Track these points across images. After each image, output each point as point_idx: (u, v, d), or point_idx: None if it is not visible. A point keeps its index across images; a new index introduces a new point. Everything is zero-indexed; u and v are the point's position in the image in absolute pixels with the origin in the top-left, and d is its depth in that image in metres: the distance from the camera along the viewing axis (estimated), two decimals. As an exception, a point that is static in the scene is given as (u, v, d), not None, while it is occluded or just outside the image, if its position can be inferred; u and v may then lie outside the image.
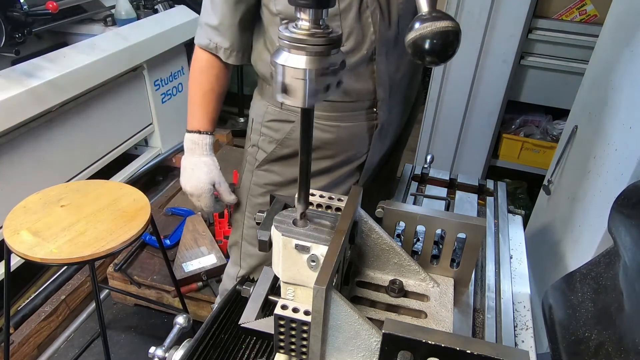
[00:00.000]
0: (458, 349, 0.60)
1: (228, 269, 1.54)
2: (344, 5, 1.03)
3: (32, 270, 2.27)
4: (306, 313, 0.70)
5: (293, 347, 0.72)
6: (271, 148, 1.29)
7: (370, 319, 0.73)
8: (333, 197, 0.83)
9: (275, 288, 0.85)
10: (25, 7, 1.97)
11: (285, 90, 0.61)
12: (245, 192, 1.39)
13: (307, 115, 0.65)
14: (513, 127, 2.99)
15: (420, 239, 1.00)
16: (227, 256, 2.00)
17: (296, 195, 0.73)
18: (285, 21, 0.71)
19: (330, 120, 1.20)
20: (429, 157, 1.44)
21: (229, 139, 3.55)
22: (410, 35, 0.53)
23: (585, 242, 1.56)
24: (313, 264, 0.70)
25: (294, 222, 0.73)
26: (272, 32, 1.14)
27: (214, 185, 1.28)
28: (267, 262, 1.38)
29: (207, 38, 1.19)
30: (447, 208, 1.30)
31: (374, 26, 1.06)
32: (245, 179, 1.39)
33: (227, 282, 1.54)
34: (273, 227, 0.73)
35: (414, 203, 1.32)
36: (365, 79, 1.13)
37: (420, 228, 0.91)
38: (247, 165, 1.38)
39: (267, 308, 0.81)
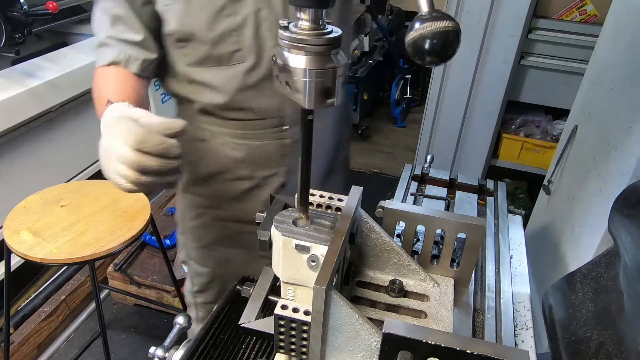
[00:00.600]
0: (458, 349, 0.60)
1: (186, 283, 1.49)
2: (239, 20, 1.00)
3: (32, 270, 2.27)
4: (306, 313, 0.70)
5: (293, 347, 0.72)
6: (191, 169, 1.23)
7: (370, 319, 0.72)
8: (333, 197, 0.83)
9: (275, 288, 0.85)
10: (25, 7, 1.97)
11: (291, 88, 0.61)
12: (180, 214, 1.34)
13: (307, 116, 0.65)
14: (513, 127, 2.99)
15: (420, 239, 1.00)
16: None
17: (296, 196, 0.72)
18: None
19: (240, 139, 1.15)
20: (429, 157, 1.44)
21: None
22: (410, 35, 0.53)
23: (585, 242, 1.56)
24: (313, 264, 0.70)
25: (294, 222, 0.73)
26: (173, 54, 1.07)
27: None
28: (217, 279, 1.36)
29: (125, 58, 1.03)
30: (447, 208, 1.30)
31: (272, 41, 1.02)
32: (178, 201, 1.34)
33: (187, 295, 1.49)
34: (273, 227, 0.73)
35: (414, 203, 1.32)
36: (269, 96, 1.08)
37: (420, 228, 0.91)
38: (177, 191, 1.32)
39: (267, 308, 0.81)
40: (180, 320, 0.90)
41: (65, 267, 2.36)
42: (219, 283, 1.37)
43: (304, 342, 0.71)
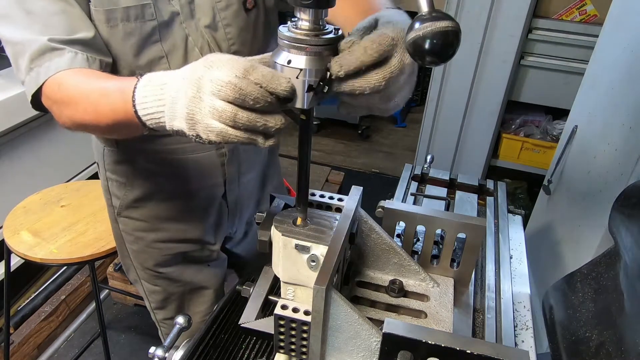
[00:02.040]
0: (458, 349, 0.60)
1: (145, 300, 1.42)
2: (167, 47, 0.96)
3: (32, 270, 2.27)
4: (306, 313, 0.70)
5: (293, 347, 0.72)
6: (122, 193, 1.16)
7: (370, 319, 0.72)
8: (333, 197, 0.83)
9: (275, 288, 0.85)
10: (25, 7, 1.96)
11: None
12: (119, 239, 1.27)
13: (306, 116, 0.65)
14: (513, 127, 2.99)
15: (420, 239, 1.00)
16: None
17: (296, 196, 0.73)
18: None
19: (172, 154, 1.09)
20: (429, 157, 1.44)
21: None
22: (410, 35, 0.53)
23: (585, 242, 1.56)
24: (313, 264, 0.70)
25: (294, 222, 0.73)
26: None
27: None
28: (172, 296, 1.30)
29: (84, 58, 0.85)
30: (447, 208, 1.30)
31: None
32: (114, 227, 1.26)
33: (150, 312, 1.41)
34: (273, 227, 0.73)
35: (414, 203, 1.32)
36: None
37: (420, 228, 0.91)
38: (109, 214, 1.25)
39: (267, 308, 0.81)
40: (180, 320, 0.90)
41: (65, 267, 2.36)
42: (175, 300, 1.32)
43: (304, 342, 0.71)
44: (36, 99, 0.88)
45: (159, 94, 0.66)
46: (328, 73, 0.60)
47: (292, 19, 0.61)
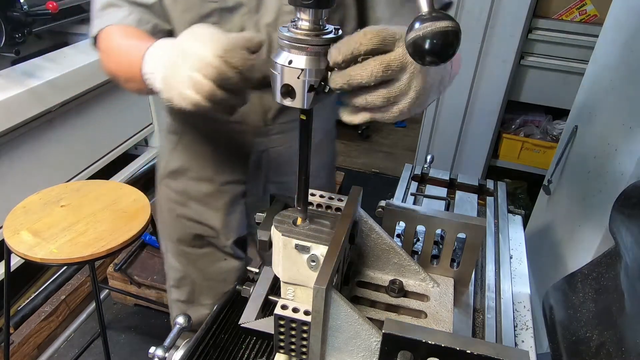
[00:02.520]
0: (458, 349, 0.60)
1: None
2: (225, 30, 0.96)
3: (32, 270, 2.27)
4: (306, 313, 0.70)
5: (293, 347, 0.72)
6: (165, 161, 1.24)
7: (370, 319, 0.72)
8: (333, 197, 0.83)
9: (275, 288, 0.85)
10: (25, 7, 1.96)
11: (284, 91, 0.61)
12: (157, 205, 1.34)
13: (306, 116, 0.65)
14: (513, 127, 2.99)
15: (420, 239, 1.00)
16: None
17: (296, 196, 0.72)
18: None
19: (209, 137, 1.14)
20: (429, 157, 1.44)
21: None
22: (410, 35, 0.53)
23: (585, 242, 1.56)
24: (313, 264, 0.70)
25: (294, 222, 0.73)
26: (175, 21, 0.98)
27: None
28: (187, 278, 1.35)
29: (136, 19, 0.95)
30: (447, 208, 1.30)
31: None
32: (156, 194, 1.34)
33: (167, 290, 1.46)
34: (273, 227, 0.73)
35: (414, 203, 1.32)
36: (251, 104, 1.05)
37: (420, 228, 0.91)
38: (155, 181, 1.33)
39: (267, 308, 0.81)
40: (180, 320, 0.90)
41: (65, 267, 2.36)
42: (189, 283, 1.36)
43: (304, 342, 0.71)
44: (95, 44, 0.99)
45: (158, 55, 0.73)
46: (329, 73, 0.60)
47: (293, 19, 0.61)
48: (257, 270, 1.00)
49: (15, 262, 1.93)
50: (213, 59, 0.62)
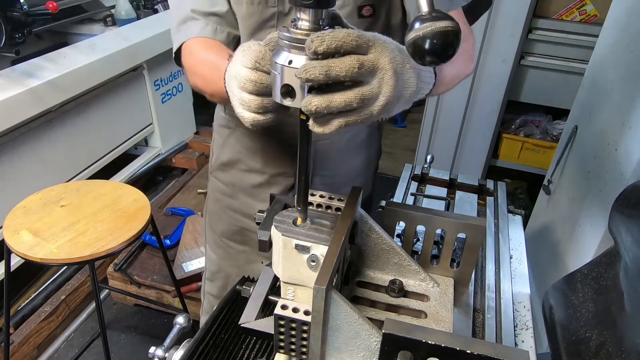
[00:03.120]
0: (458, 349, 0.60)
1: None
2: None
3: (32, 270, 2.28)
4: (306, 313, 0.70)
5: (293, 347, 0.72)
6: (217, 153, 1.29)
7: (370, 319, 0.72)
8: (333, 197, 0.83)
9: (275, 288, 0.85)
10: (25, 7, 1.97)
11: (284, 91, 0.61)
12: (206, 196, 1.39)
13: (306, 116, 0.64)
14: (513, 127, 2.99)
15: (420, 239, 1.00)
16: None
17: (296, 196, 0.72)
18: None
19: (260, 130, 1.13)
20: (429, 157, 1.44)
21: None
22: (410, 35, 0.53)
23: (585, 242, 1.56)
24: (313, 264, 0.70)
25: (294, 222, 0.73)
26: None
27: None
28: (222, 272, 1.38)
29: (212, 29, 1.02)
30: (447, 208, 1.30)
31: None
32: (208, 185, 1.38)
33: (203, 281, 1.52)
34: (273, 227, 0.73)
35: (414, 203, 1.32)
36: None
37: (420, 228, 0.91)
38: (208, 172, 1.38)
39: (267, 308, 0.81)
40: (180, 320, 0.90)
41: (65, 267, 2.36)
42: (223, 277, 1.40)
43: (304, 342, 0.71)
44: (178, 58, 1.06)
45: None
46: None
47: (293, 19, 0.61)
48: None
49: (15, 262, 1.93)
50: (248, 73, 0.65)
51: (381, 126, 1.38)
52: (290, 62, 0.60)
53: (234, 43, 1.05)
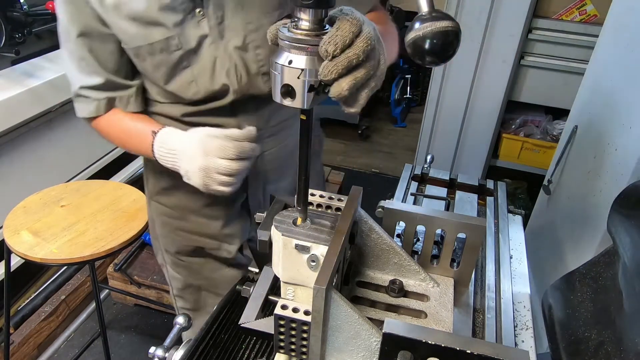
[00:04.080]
0: (458, 349, 0.60)
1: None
2: (197, 71, 0.98)
3: (32, 270, 2.27)
4: (306, 313, 0.70)
5: (293, 347, 0.72)
6: (154, 179, 1.23)
7: (370, 319, 0.73)
8: (333, 197, 0.83)
9: (275, 288, 0.85)
10: (25, 7, 1.96)
11: (284, 91, 0.61)
12: (151, 222, 1.34)
13: (306, 116, 0.65)
14: (513, 127, 2.99)
15: (420, 239, 1.00)
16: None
17: (296, 196, 0.73)
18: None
19: None
20: (429, 157, 1.44)
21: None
22: (410, 35, 0.53)
23: (585, 242, 1.56)
24: (313, 264, 0.70)
25: (294, 222, 0.73)
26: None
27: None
28: (190, 287, 1.34)
29: (102, 102, 1.05)
30: (447, 208, 1.30)
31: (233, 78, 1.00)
32: (148, 209, 1.34)
33: (171, 298, 1.46)
34: (273, 227, 0.73)
35: (414, 203, 1.32)
36: (245, 115, 1.08)
37: (420, 228, 0.91)
38: (145, 196, 1.33)
39: (267, 308, 0.81)
40: (180, 320, 0.90)
41: (65, 267, 2.36)
42: (194, 292, 1.35)
43: (304, 342, 0.71)
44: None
45: (172, 157, 0.96)
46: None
47: (293, 20, 0.61)
48: (257, 270, 1.00)
49: (15, 262, 1.93)
50: (233, 164, 0.89)
51: (322, 135, 1.40)
52: (290, 62, 0.60)
53: (133, 101, 1.06)
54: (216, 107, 1.04)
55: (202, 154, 0.89)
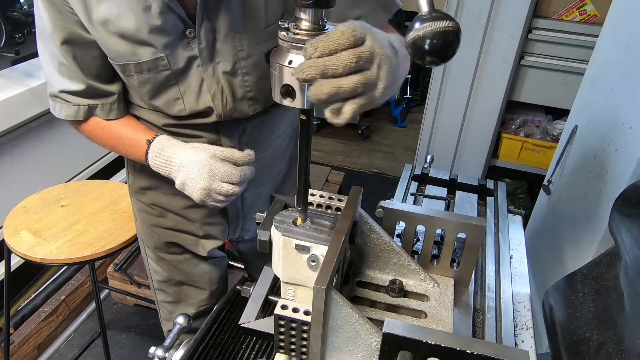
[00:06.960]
0: (458, 349, 0.60)
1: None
2: (183, 89, 0.98)
3: (32, 270, 2.27)
4: (306, 313, 0.70)
5: (293, 347, 0.72)
6: (134, 176, 1.23)
7: (370, 319, 0.73)
8: (333, 197, 0.83)
9: (275, 288, 0.85)
10: (25, 7, 1.96)
11: (284, 91, 0.61)
12: (134, 216, 1.35)
13: (306, 116, 0.65)
14: (513, 127, 2.99)
15: (420, 239, 1.00)
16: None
17: (296, 196, 0.72)
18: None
19: None
20: (429, 157, 1.44)
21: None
22: (410, 36, 0.53)
23: (585, 242, 1.56)
24: (313, 264, 0.70)
25: (294, 222, 0.73)
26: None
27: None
28: (170, 281, 1.34)
29: (83, 109, 1.05)
30: (447, 208, 1.30)
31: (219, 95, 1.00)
32: (131, 204, 1.34)
33: (151, 291, 1.45)
34: (273, 227, 0.73)
35: (414, 203, 1.32)
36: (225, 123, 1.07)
37: (420, 228, 0.91)
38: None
39: (267, 308, 0.81)
40: (180, 320, 0.90)
41: (65, 267, 2.36)
42: (175, 284, 1.35)
43: (304, 342, 0.71)
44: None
45: (168, 168, 0.98)
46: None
47: (293, 20, 0.61)
48: (242, 266, 0.99)
49: (15, 262, 1.93)
50: (234, 188, 0.94)
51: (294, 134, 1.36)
52: (290, 62, 0.60)
53: (115, 108, 1.05)
54: (198, 123, 1.04)
55: (208, 177, 0.92)
